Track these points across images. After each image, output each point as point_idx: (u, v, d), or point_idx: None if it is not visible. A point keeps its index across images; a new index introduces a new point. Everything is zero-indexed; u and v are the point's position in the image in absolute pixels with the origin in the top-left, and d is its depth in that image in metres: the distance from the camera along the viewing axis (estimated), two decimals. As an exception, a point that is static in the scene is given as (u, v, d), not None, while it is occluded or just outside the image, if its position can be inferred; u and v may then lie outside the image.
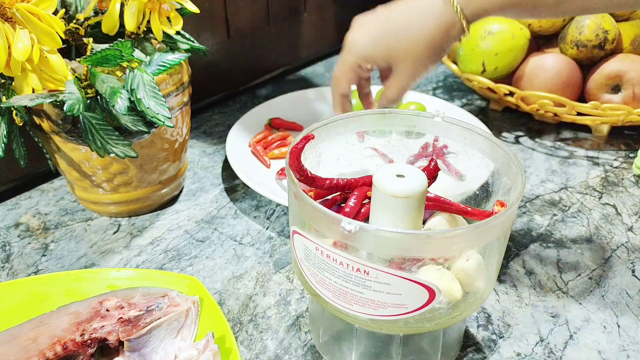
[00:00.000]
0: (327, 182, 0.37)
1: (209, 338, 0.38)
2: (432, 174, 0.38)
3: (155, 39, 0.52)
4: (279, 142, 0.69)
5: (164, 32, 0.50)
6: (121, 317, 0.39)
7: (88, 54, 0.45)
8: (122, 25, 0.48)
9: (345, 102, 0.54)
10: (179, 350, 0.39)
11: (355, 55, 0.49)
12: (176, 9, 0.51)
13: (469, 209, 0.36)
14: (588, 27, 0.72)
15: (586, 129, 0.76)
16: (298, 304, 0.46)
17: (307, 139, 0.36)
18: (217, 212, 0.59)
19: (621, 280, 0.49)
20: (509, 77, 0.80)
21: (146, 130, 0.48)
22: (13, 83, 0.43)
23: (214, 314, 0.41)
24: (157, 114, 0.45)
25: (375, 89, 0.80)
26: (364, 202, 0.37)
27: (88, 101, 0.45)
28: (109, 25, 0.48)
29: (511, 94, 0.76)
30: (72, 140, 0.49)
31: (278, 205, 0.60)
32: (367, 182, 0.38)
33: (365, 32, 0.49)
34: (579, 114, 0.72)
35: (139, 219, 0.57)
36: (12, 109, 0.47)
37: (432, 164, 0.39)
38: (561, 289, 0.48)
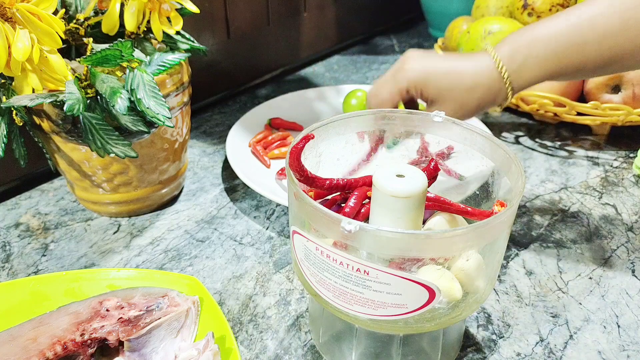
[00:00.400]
0: (327, 182, 0.37)
1: (209, 338, 0.38)
2: (432, 174, 0.38)
3: (155, 39, 0.52)
4: (279, 142, 0.69)
5: (164, 32, 0.50)
6: (121, 317, 0.39)
7: (88, 54, 0.45)
8: (122, 25, 0.48)
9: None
10: (179, 350, 0.39)
11: (411, 79, 0.51)
12: (176, 9, 0.51)
13: (469, 209, 0.36)
14: (588, 27, 0.72)
15: (586, 129, 0.76)
16: (298, 304, 0.46)
17: (307, 138, 0.36)
18: (217, 212, 0.59)
19: (621, 280, 0.49)
20: (509, 77, 0.80)
21: (146, 130, 0.48)
22: (13, 83, 0.43)
23: (214, 314, 0.41)
24: (157, 114, 0.45)
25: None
26: (363, 202, 0.37)
27: (88, 101, 0.45)
28: (109, 25, 0.48)
29: (511, 94, 0.76)
30: (72, 140, 0.49)
31: (278, 205, 0.60)
32: (367, 182, 0.38)
33: (425, 65, 0.51)
34: (579, 114, 0.72)
35: (139, 219, 0.57)
36: (12, 109, 0.47)
37: (432, 164, 0.39)
38: (561, 289, 0.48)
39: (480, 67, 0.49)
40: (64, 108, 0.41)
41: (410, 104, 0.55)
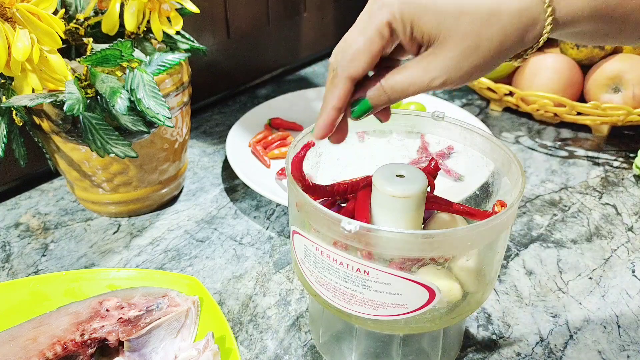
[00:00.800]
0: (329, 188, 0.37)
1: (209, 338, 0.38)
2: (432, 173, 0.38)
3: (155, 39, 0.52)
4: (279, 142, 0.69)
5: (164, 32, 0.50)
6: (121, 317, 0.39)
7: (88, 54, 0.45)
8: (122, 25, 0.48)
9: (349, 92, 0.34)
10: (179, 350, 0.39)
11: (394, 9, 0.32)
12: (176, 9, 0.51)
13: (468, 209, 0.36)
14: (588, 27, 0.72)
15: (586, 129, 0.76)
16: (298, 304, 0.46)
17: (308, 147, 0.35)
18: (217, 212, 0.59)
19: (621, 280, 0.49)
20: (509, 77, 0.80)
21: (146, 130, 0.48)
22: (13, 83, 0.43)
23: (214, 314, 0.41)
24: (157, 114, 0.45)
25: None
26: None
27: (88, 101, 0.45)
28: (109, 25, 0.48)
29: (511, 94, 0.76)
30: (72, 140, 0.49)
31: (278, 205, 0.60)
32: (368, 183, 0.38)
33: None
34: (579, 114, 0.72)
35: (139, 219, 0.57)
36: (12, 109, 0.47)
37: (432, 163, 0.39)
38: (561, 289, 0.48)
39: None
40: (64, 108, 0.41)
41: (391, 60, 0.36)
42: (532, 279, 0.49)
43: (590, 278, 0.49)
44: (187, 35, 0.56)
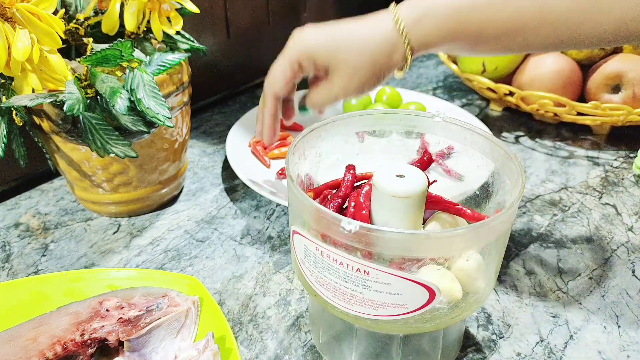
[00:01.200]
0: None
1: (209, 338, 0.38)
2: (426, 165, 0.38)
3: (155, 39, 0.52)
4: (279, 142, 0.69)
5: (164, 32, 0.50)
6: (121, 317, 0.39)
7: (88, 54, 0.45)
8: (122, 25, 0.48)
9: (277, 105, 0.51)
10: (179, 350, 0.39)
11: (299, 51, 0.46)
12: (176, 9, 0.51)
13: (468, 211, 0.36)
14: (588, 27, 0.72)
15: (586, 129, 0.76)
16: (298, 304, 0.46)
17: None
18: (217, 212, 0.59)
19: (621, 280, 0.49)
20: (509, 77, 0.80)
21: (146, 130, 0.48)
22: (13, 83, 0.43)
23: (214, 314, 0.41)
24: (157, 114, 0.45)
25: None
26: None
27: (88, 101, 0.45)
28: (109, 25, 0.48)
29: (511, 94, 0.76)
30: (72, 140, 0.49)
31: (278, 205, 0.60)
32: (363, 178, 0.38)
33: (314, 32, 0.47)
34: (579, 114, 0.72)
35: (138, 219, 0.57)
36: (12, 109, 0.47)
37: (426, 156, 0.39)
38: (561, 289, 0.48)
39: (374, 22, 0.45)
40: (64, 108, 0.41)
41: (292, 88, 0.51)
42: (532, 279, 0.49)
43: (590, 278, 0.49)
44: (187, 35, 0.56)
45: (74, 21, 0.48)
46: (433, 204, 0.36)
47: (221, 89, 0.87)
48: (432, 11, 0.43)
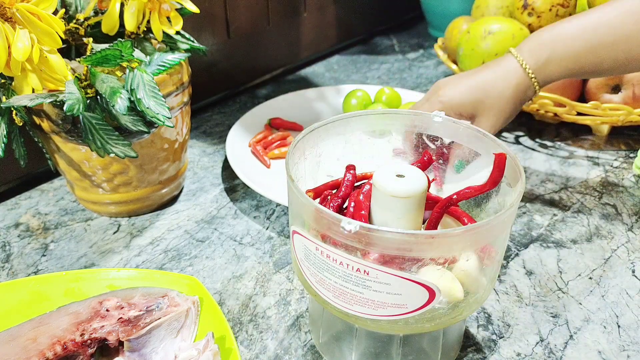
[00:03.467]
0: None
1: (209, 338, 0.38)
2: (426, 166, 0.38)
3: (155, 39, 0.52)
4: (279, 142, 0.69)
5: (164, 32, 0.50)
6: (121, 317, 0.39)
7: (88, 54, 0.45)
8: (122, 25, 0.48)
9: None
10: (179, 350, 0.39)
11: (444, 106, 0.55)
12: (176, 9, 0.51)
13: (460, 214, 0.36)
14: (588, 27, 0.72)
15: (586, 129, 0.76)
16: (298, 304, 0.46)
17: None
18: (217, 212, 0.59)
19: (621, 280, 0.49)
20: (509, 77, 0.80)
21: (146, 130, 0.48)
22: (13, 83, 0.43)
23: (214, 314, 0.41)
24: (157, 114, 0.45)
25: (375, 88, 0.80)
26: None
27: (88, 101, 0.45)
28: (109, 25, 0.48)
29: (511, 94, 0.76)
30: (72, 140, 0.49)
31: (278, 205, 0.60)
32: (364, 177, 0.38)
33: (455, 87, 0.55)
34: (579, 114, 0.72)
35: (139, 219, 0.57)
36: (12, 109, 0.47)
37: (426, 156, 0.39)
38: (561, 289, 0.48)
39: (506, 70, 0.54)
40: (64, 108, 0.41)
41: None
42: (532, 279, 0.49)
43: (590, 278, 0.49)
44: (187, 35, 0.56)
45: (74, 21, 0.48)
46: (432, 205, 0.36)
47: (221, 89, 0.87)
48: (554, 58, 0.52)
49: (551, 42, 0.52)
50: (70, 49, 0.49)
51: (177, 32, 0.53)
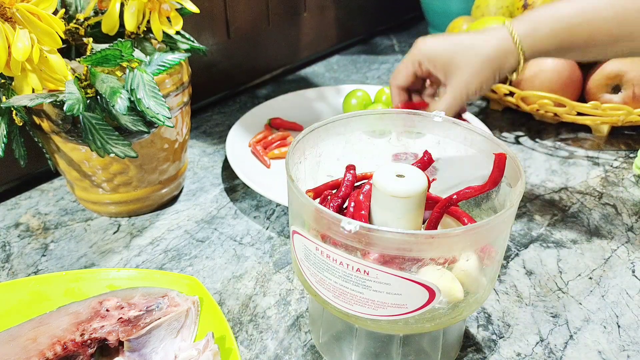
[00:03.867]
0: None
1: (209, 338, 0.38)
2: (426, 166, 0.38)
3: (155, 39, 0.52)
4: (279, 142, 0.69)
5: (164, 32, 0.50)
6: (121, 317, 0.39)
7: (88, 54, 0.45)
8: (122, 25, 0.48)
9: (400, 93, 0.58)
10: (179, 350, 0.39)
11: (420, 53, 0.54)
12: (176, 9, 0.51)
13: (459, 214, 0.36)
14: (588, 27, 0.72)
15: (586, 129, 0.76)
16: (298, 304, 0.46)
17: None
18: (217, 212, 0.59)
19: (621, 280, 0.49)
20: (509, 77, 0.80)
21: (146, 130, 0.48)
22: (13, 83, 0.43)
23: (214, 314, 0.41)
24: (157, 114, 0.45)
25: (375, 88, 0.80)
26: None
27: (88, 101, 0.45)
28: (109, 25, 0.48)
29: (511, 94, 0.76)
30: (72, 140, 0.49)
31: (278, 205, 0.60)
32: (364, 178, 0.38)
33: (435, 39, 0.55)
34: (579, 114, 0.72)
35: (138, 219, 0.57)
36: (12, 109, 0.47)
37: (426, 156, 0.39)
38: (561, 289, 0.48)
39: (489, 32, 0.52)
40: (64, 108, 0.41)
41: (417, 81, 0.58)
42: (532, 279, 0.49)
43: (590, 278, 0.49)
44: (187, 35, 0.56)
45: (74, 21, 0.48)
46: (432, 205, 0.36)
47: (221, 89, 0.87)
48: (543, 25, 0.50)
49: (543, 9, 0.51)
50: (70, 49, 0.49)
51: (177, 32, 0.53)
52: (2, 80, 0.46)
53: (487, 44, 0.51)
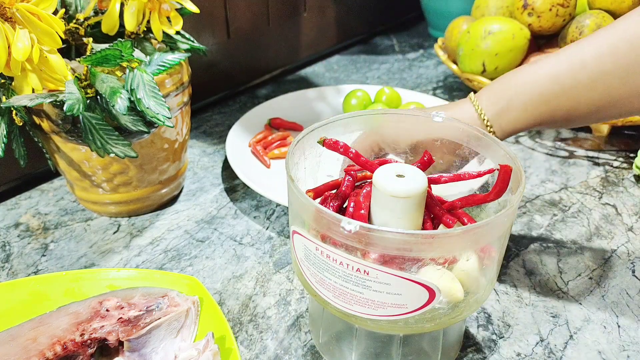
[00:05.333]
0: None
1: (209, 338, 0.38)
2: (426, 166, 0.38)
3: (155, 39, 0.52)
4: (279, 142, 0.69)
5: (164, 32, 0.50)
6: (121, 317, 0.39)
7: (88, 53, 0.45)
8: (122, 25, 0.48)
9: None
10: (179, 350, 0.39)
11: (380, 138, 0.44)
12: (176, 9, 0.51)
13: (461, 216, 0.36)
14: (588, 27, 0.72)
15: (586, 129, 0.76)
16: (298, 304, 0.46)
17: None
18: (217, 212, 0.59)
19: (621, 280, 0.49)
20: (509, 77, 0.80)
21: (146, 130, 0.48)
22: (13, 83, 0.43)
23: (214, 314, 0.41)
24: (157, 113, 0.45)
25: (375, 88, 0.80)
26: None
27: (88, 101, 0.45)
28: (108, 25, 0.48)
29: (511, 94, 0.76)
30: (72, 140, 0.49)
31: (278, 205, 0.60)
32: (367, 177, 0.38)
33: (386, 129, 0.45)
34: (579, 114, 0.72)
35: (138, 219, 0.57)
36: (12, 109, 0.47)
37: (426, 157, 0.39)
38: (561, 289, 0.48)
39: (459, 113, 0.45)
40: (64, 108, 0.41)
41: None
42: (532, 279, 0.49)
43: (590, 278, 0.49)
44: (187, 35, 0.56)
45: (74, 21, 0.48)
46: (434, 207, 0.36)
47: (221, 89, 0.87)
48: (515, 103, 0.43)
49: (516, 84, 0.43)
50: (70, 49, 0.49)
51: (177, 32, 0.53)
52: (2, 80, 0.46)
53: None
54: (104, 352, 0.39)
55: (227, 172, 0.66)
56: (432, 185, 0.37)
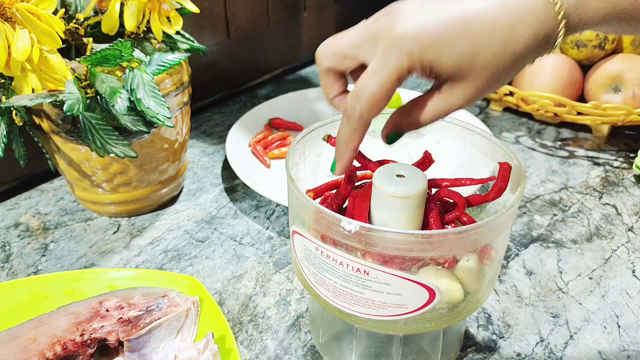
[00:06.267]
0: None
1: (209, 338, 0.38)
2: (426, 166, 0.38)
3: (155, 39, 0.52)
4: (279, 142, 0.69)
5: (164, 32, 0.50)
6: (121, 317, 0.39)
7: (88, 53, 0.45)
8: (122, 25, 0.48)
9: (367, 128, 0.35)
10: (178, 350, 0.39)
11: (411, 58, 0.30)
12: (176, 9, 0.50)
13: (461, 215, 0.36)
14: None
15: (586, 129, 0.76)
16: (298, 304, 0.46)
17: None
18: (217, 212, 0.59)
19: (621, 280, 0.49)
20: (509, 77, 0.80)
21: (146, 130, 0.48)
22: (13, 83, 0.43)
23: (214, 314, 0.41)
24: (157, 113, 0.45)
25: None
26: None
27: (88, 101, 0.45)
28: (108, 25, 0.48)
29: (511, 94, 0.76)
30: (72, 140, 0.49)
31: (278, 205, 0.60)
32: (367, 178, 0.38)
33: (428, 22, 0.30)
34: (579, 114, 0.72)
35: (138, 219, 0.57)
36: (12, 109, 0.47)
37: (426, 157, 0.39)
38: (561, 289, 0.48)
39: (517, 3, 0.30)
40: (64, 108, 0.41)
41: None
42: (532, 279, 0.49)
43: (590, 278, 0.49)
44: (187, 35, 0.56)
45: (74, 21, 0.48)
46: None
47: (221, 89, 0.87)
48: None
49: None
50: (70, 49, 0.49)
51: (177, 32, 0.53)
52: (2, 80, 0.46)
53: (519, 35, 0.30)
54: (104, 352, 0.39)
55: (227, 172, 0.66)
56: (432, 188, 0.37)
